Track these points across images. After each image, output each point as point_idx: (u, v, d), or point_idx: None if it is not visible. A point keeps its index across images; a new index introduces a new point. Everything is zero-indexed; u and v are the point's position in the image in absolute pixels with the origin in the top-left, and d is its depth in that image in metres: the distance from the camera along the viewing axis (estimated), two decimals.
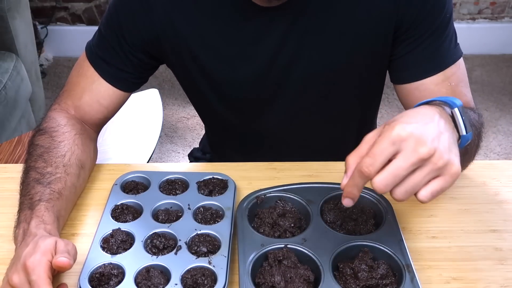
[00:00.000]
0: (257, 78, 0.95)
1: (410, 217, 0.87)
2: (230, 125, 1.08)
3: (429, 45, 0.89)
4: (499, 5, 2.91)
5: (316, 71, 0.93)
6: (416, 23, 0.87)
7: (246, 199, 0.84)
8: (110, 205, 0.85)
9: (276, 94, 0.97)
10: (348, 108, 1.03)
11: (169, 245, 0.77)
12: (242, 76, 0.95)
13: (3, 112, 1.85)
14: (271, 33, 0.89)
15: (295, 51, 0.91)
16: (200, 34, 0.92)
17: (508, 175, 0.97)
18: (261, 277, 0.71)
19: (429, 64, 0.90)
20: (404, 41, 0.90)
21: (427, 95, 0.89)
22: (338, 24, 0.88)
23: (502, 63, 2.93)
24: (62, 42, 2.99)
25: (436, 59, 0.90)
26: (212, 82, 0.97)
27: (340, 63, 0.92)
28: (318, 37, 0.89)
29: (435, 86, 0.90)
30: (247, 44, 0.91)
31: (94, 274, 0.73)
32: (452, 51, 0.91)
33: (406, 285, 0.70)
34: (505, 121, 2.52)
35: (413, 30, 0.88)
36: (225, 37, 0.91)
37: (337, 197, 0.85)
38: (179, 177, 0.90)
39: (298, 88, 0.96)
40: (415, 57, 0.90)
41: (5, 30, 1.98)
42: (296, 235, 0.79)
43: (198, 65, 0.95)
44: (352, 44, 0.90)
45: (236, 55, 0.93)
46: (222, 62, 0.94)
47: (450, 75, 0.90)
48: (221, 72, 0.95)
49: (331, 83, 0.96)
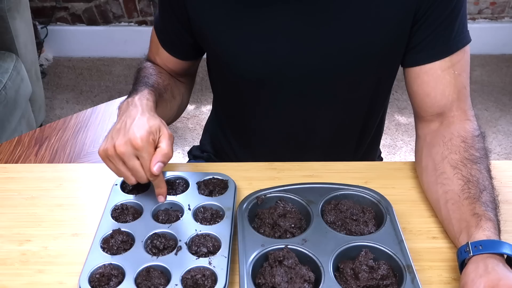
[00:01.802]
0: (270, 55, 0.94)
1: (410, 218, 0.87)
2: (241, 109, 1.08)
3: (444, 28, 0.90)
4: (499, 5, 2.91)
5: (332, 53, 0.92)
6: (434, 5, 0.87)
7: (246, 200, 0.84)
8: (110, 205, 0.85)
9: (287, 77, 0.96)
10: (357, 98, 1.01)
11: (169, 245, 0.77)
12: (254, 53, 0.94)
13: (3, 112, 1.85)
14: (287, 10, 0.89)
15: (310, 33, 0.90)
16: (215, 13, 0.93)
17: (508, 175, 0.97)
18: (262, 278, 0.71)
19: (442, 46, 0.90)
20: (421, 25, 0.90)
21: (433, 80, 0.91)
22: (358, 8, 0.88)
23: (502, 63, 2.93)
24: (62, 42, 3.00)
25: (449, 42, 0.90)
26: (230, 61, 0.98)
27: (357, 47, 0.91)
28: (337, 21, 0.89)
29: (441, 71, 0.91)
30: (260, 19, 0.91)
31: (94, 274, 0.72)
32: (463, 35, 0.92)
33: (406, 285, 0.70)
34: (505, 121, 2.52)
35: (430, 13, 0.88)
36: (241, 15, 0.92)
37: (338, 197, 0.85)
38: (179, 177, 0.90)
39: (309, 72, 0.95)
40: (429, 40, 0.90)
41: (5, 30, 1.98)
42: (297, 235, 0.79)
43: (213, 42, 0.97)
44: (371, 29, 0.90)
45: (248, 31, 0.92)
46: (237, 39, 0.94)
47: (456, 61, 0.91)
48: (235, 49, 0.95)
49: (345, 69, 0.94)
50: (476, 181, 0.81)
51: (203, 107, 2.57)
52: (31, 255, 0.80)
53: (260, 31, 0.92)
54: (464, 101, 0.92)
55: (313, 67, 0.94)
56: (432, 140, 0.92)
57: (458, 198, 0.81)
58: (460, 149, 0.86)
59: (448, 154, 0.87)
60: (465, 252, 0.72)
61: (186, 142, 2.39)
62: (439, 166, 0.87)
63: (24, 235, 0.84)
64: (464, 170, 0.83)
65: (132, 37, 2.95)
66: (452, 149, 0.87)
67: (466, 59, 0.93)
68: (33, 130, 1.59)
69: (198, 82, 2.70)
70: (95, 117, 1.64)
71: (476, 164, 0.83)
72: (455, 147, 0.87)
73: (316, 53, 0.92)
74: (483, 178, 0.82)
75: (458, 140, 0.87)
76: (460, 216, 0.79)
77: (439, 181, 0.86)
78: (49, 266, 0.78)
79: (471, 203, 0.78)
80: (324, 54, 0.92)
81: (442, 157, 0.87)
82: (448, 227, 0.82)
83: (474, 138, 0.88)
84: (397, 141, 2.42)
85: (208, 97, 2.65)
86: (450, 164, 0.85)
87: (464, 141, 0.87)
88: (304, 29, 0.90)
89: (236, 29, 0.93)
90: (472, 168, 0.83)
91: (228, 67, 0.99)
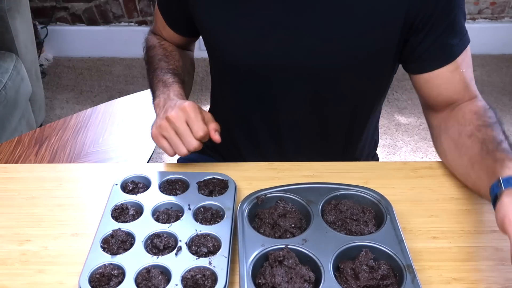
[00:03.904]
0: (259, 45, 0.95)
1: (410, 218, 0.87)
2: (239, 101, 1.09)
3: (447, 36, 0.92)
4: (499, 5, 2.91)
5: (319, 47, 0.93)
6: (433, 16, 0.89)
7: (246, 200, 0.84)
8: (110, 205, 0.85)
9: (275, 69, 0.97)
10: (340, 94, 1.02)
11: (170, 245, 0.77)
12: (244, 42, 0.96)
13: (3, 112, 1.85)
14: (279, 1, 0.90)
15: (298, 21, 0.91)
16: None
17: None
18: (262, 278, 0.71)
19: (446, 53, 0.93)
20: (424, 36, 0.92)
21: (444, 82, 0.95)
22: (348, 3, 0.89)
23: (502, 63, 2.93)
24: (62, 42, 3.00)
25: (452, 49, 0.93)
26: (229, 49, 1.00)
27: (344, 42, 0.92)
28: (326, 14, 0.90)
29: (451, 73, 0.94)
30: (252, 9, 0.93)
31: (94, 274, 0.72)
32: (464, 38, 0.94)
33: (407, 285, 0.70)
34: (505, 121, 2.52)
35: (431, 23, 0.90)
36: None
37: (338, 197, 0.85)
38: (179, 177, 0.90)
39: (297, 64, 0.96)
40: (434, 49, 0.93)
41: (5, 30, 1.98)
42: (297, 235, 0.79)
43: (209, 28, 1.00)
44: (360, 24, 0.90)
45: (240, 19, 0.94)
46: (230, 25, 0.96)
47: (461, 61, 0.94)
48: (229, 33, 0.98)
49: (329, 64, 0.95)
50: (492, 138, 0.85)
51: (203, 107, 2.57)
52: (31, 255, 0.80)
53: (251, 20, 0.94)
54: (472, 89, 0.96)
55: (301, 60, 0.95)
56: (446, 124, 0.96)
57: (480, 158, 0.84)
58: (472, 119, 0.90)
59: (463, 128, 0.91)
60: (497, 187, 0.75)
61: None
62: (458, 142, 0.91)
63: (24, 235, 0.84)
64: (479, 134, 0.87)
65: (132, 37, 2.95)
66: (465, 123, 0.91)
67: (469, 56, 0.97)
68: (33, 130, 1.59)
69: (198, 82, 2.70)
70: (95, 117, 1.64)
71: (489, 127, 0.88)
72: (468, 120, 0.91)
73: (303, 46, 0.93)
74: (498, 135, 0.86)
75: (470, 114, 0.92)
76: (487, 169, 0.81)
77: (462, 153, 0.90)
78: (49, 266, 0.78)
79: (492, 154, 0.82)
80: (309, 45, 0.93)
81: (458, 133, 0.91)
82: (481, 185, 0.83)
83: (486, 109, 0.92)
84: (397, 141, 2.42)
85: (208, 97, 2.64)
86: (466, 135, 0.89)
87: (476, 113, 0.91)
88: (293, 21, 0.91)
89: (228, 17, 0.95)
90: (486, 130, 0.87)
91: (221, 53, 1.02)
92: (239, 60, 0.99)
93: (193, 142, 0.89)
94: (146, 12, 2.95)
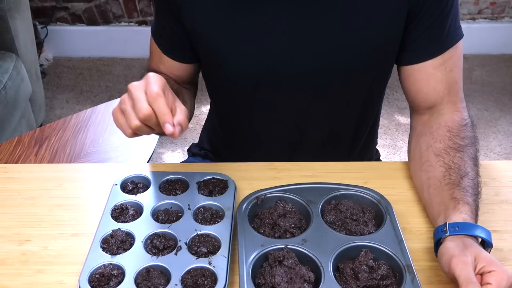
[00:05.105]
0: (262, 54, 0.94)
1: (410, 218, 0.87)
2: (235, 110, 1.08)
3: (435, 28, 0.91)
4: (499, 5, 2.91)
5: (323, 51, 0.92)
6: (425, 6, 0.89)
7: (246, 200, 0.84)
8: (110, 205, 0.85)
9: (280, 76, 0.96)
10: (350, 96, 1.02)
11: (169, 245, 0.77)
12: (246, 52, 0.94)
13: (3, 112, 1.85)
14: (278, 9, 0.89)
15: (304, 27, 0.90)
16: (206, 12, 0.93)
17: (508, 175, 0.97)
18: (262, 278, 0.71)
19: (434, 45, 0.92)
20: (415, 25, 0.91)
21: (425, 78, 0.94)
22: (350, 5, 0.89)
23: (502, 63, 2.93)
24: (62, 42, 3.00)
25: (440, 41, 0.92)
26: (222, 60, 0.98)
27: (350, 43, 0.92)
28: (328, 18, 0.89)
29: (433, 69, 0.93)
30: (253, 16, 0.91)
31: (94, 274, 0.72)
32: (455, 32, 0.93)
33: (406, 285, 0.70)
34: (505, 121, 2.52)
35: (422, 13, 0.89)
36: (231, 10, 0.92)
37: (338, 197, 0.85)
38: (179, 177, 0.90)
39: (302, 70, 0.95)
40: (421, 39, 0.92)
41: (5, 30, 1.98)
42: (297, 235, 0.79)
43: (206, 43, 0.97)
44: (364, 26, 0.90)
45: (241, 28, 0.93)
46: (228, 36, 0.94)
47: (448, 58, 0.93)
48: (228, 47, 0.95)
49: (337, 67, 0.95)
50: (458, 168, 0.84)
51: (203, 107, 2.57)
52: (31, 255, 0.80)
53: (252, 30, 0.92)
54: (455, 94, 0.95)
55: (305, 65, 0.94)
56: (421, 130, 0.95)
57: (439, 184, 0.84)
58: (445, 138, 0.89)
59: (433, 143, 0.90)
60: (442, 232, 0.75)
61: (186, 142, 2.39)
62: (424, 155, 0.90)
63: (24, 235, 0.84)
64: (446, 158, 0.86)
65: (132, 37, 2.95)
66: (437, 138, 0.90)
67: (458, 54, 0.95)
68: (33, 130, 1.59)
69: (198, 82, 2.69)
70: (95, 117, 1.64)
71: (459, 152, 0.87)
72: (441, 136, 0.90)
73: (308, 51, 0.93)
74: (464, 165, 0.85)
75: (444, 130, 0.91)
76: (440, 200, 0.82)
77: (423, 168, 0.89)
78: (49, 266, 0.78)
79: (451, 188, 0.82)
80: (316, 52, 0.93)
81: (427, 146, 0.91)
82: (429, 210, 0.86)
83: (460, 127, 0.91)
84: (397, 141, 2.42)
85: (208, 97, 2.64)
86: (434, 153, 0.88)
87: (449, 130, 0.90)
88: (295, 27, 0.91)
89: (228, 28, 0.93)
90: (455, 156, 0.86)
91: (220, 67, 0.99)
92: (242, 73, 0.97)
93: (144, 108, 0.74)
94: (146, 12, 2.94)
